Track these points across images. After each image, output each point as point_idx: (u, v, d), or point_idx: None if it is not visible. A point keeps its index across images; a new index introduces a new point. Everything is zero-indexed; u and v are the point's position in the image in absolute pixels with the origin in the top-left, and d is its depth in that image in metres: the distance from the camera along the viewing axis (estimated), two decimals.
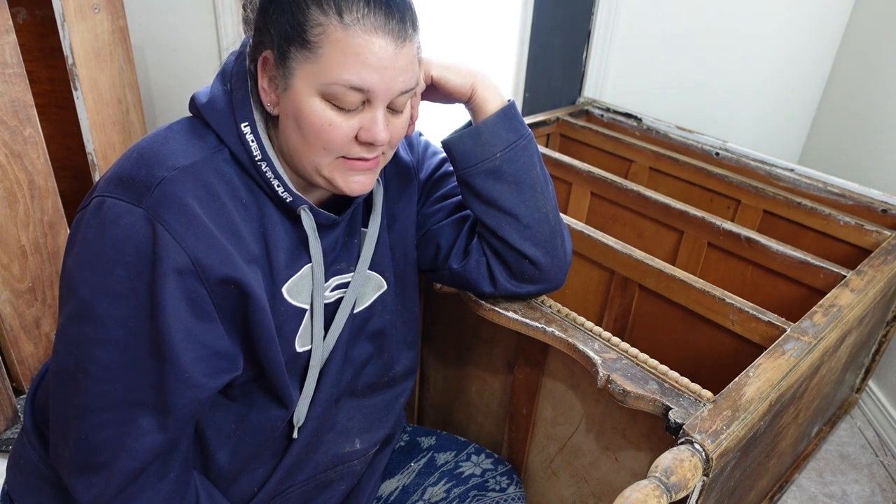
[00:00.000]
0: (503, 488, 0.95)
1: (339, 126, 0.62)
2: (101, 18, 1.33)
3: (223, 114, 0.65)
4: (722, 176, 1.46)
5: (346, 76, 0.59)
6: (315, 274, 0.71)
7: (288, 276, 0.69)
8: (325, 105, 0.61)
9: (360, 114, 0.62)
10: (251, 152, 0.65)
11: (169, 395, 0.61)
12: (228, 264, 0.62)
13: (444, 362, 1.15)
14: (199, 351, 0.62)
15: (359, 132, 0.63)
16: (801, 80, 1.90)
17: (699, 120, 1.91)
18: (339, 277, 0.75)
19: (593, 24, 1.83)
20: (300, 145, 0.63)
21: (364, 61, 0.59)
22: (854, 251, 1.28)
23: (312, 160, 0.64)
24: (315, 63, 0.59)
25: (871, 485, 1.48)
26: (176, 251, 0.59)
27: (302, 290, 0.70)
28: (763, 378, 0.77)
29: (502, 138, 0.76)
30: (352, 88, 0.60)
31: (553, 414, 0.96)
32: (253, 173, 0.65)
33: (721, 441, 0.67)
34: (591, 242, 1.14)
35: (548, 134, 1.79)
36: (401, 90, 0.63)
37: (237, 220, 0.64)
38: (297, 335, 0.71)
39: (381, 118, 0.63)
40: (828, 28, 1.82)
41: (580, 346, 0.81)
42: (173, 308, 0.59)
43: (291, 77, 0.61)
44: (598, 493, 0.93)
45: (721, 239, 1.23)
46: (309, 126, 0.61)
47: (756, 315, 0.94)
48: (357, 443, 0.83)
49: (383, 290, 0.81)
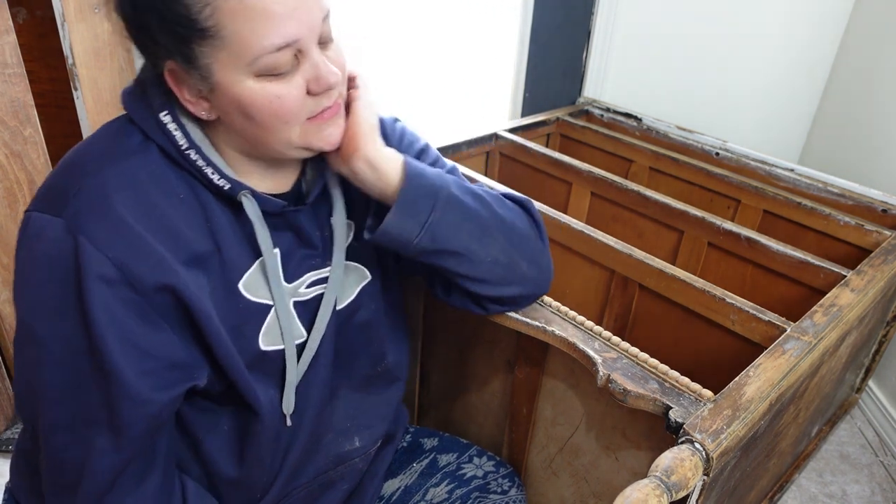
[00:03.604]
0: (505, 490, 0.95)
1: (288, 93, 0.57)
2: (101, 18, 1.33)
3: (143, 107, 0.61)
4: (722, 176, 1.46)
5: (266, 41, 0.54)
6: (268, 265, 0.66)
7: (243, 271, 0.65)
8: (261, 82, 0.56)
9: (299, 68, 0.57)
10: (176, 142, 0.60)
11: (119, 414, 0.58)
12: (161, 270, 0.58)
13: (445, 362, 1.15)
14: (147, 364, 0.58)
15: (309, 86, 0.58)
16: (802, 80, 1.90)
17: (699, 120, 1.91)
18: (315, 273, 0.71)
19: (593, 24, 1.83)
20: (259, 132, 0.59)
21: (272, 15, 0.53)
22: (854, 251, 1.28)
23: (280, 139, 0.60)
24: (226, 47, 0.54)
25: (871, 485, 1.48)
26: (99, 261, 0.55)
27: (261, 285, 0.67)
28: (763, 377, 0.77)
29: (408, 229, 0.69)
30: (278, 50, 0.54)
31: (553, 413, 0.96)
32: (185, 164, 0.61)
33: (721, 440, 0.67)
34: (591, 242, 1.14)
35: (548, 134, 1.79)
36: (322, 18, 0.57)
37: (174, 219, 0.60)
38: (262, 333, 0.67)
39: (321, 58, 0.58)
40: (828, 28, 1.82)
41: (580, 345, 0.81)
42: (108, 321, 0.56)
43: (211, 74, 0.56)
44: (598, 493, 0.93)
45: (721, 239, 1.23)
46: (258, 110, 0.57)
47: (756, 315, 0.94)
48: (357, 441, 0.83)
49: (367, 280, 0.78)
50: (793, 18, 1.80)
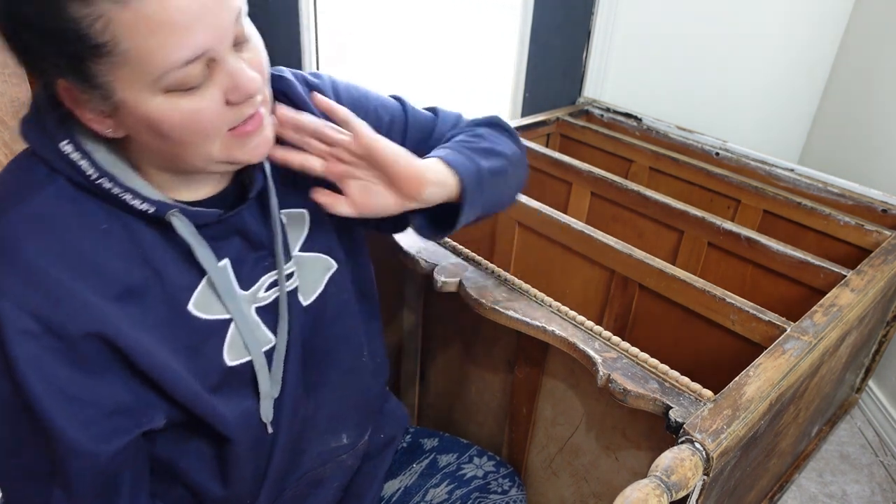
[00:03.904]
0: (505, 490, 0.95)
1: (204, 108, 0.51)
2: None
3: (42, 136, 0.54)
4: (722, 176, 1.46)
5: (172, 56, 0.47)
6: (216, 281, 0.61)
7: (191, 291, 0.60)
8: (172, 98, 0.50)
9: (214, 78, 0.51)
10: (83, 172, 0.53)
11: (65, 469, 0.55)
12: (86, 315, 0.53)
13: (445, 362, 1.15)
14: (86, 414, 0.55)
15: (227, 97, 0.52)
16: (802, 79, 1.90)
17: (699, 120, 1.91)
18: (271, 274, 0.67)
19: (593, 24, 1.83)
20: (175, 149, 0.53)
21: (176, 26, 0.46)
22: (854, 251, 1.28)
23: (199, 155, 0.54)
24: (126, 64, 0.47)
25: (870, 485, 1.48)
26: (18, 316, 0.51)
27: (215, 300, 0.62)
28: (763, 377, 0.77)
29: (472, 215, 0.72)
30: (187, 64, 0.48)
31: (553, 413, 0.96)
32: (99, 193, 0.55)
33: (721, 440, 0.67)
34: (591, 242, 1.14)
35: (548, 134, 1.79)
36: (233, 20, 0.51)
37: (97, 253, 0.54)
38: (225, 349, 0.64)
39: (237, 65, 0.52)
40: (828, 28, 1.82)
41: (580, 345, 0.81)
42: (38, 377, 0.52)
43: (112, 93, 0.49)
44: (598, 493, 0.93)
45: (721, 239, 1.23)
46: (171, 128, 0.51)
47: (756, 315, 0.94)
48: (344, 437, 0.81)
49: (333, 269, 0.73)
50: (793, 18, 1.80)
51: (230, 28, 0.51)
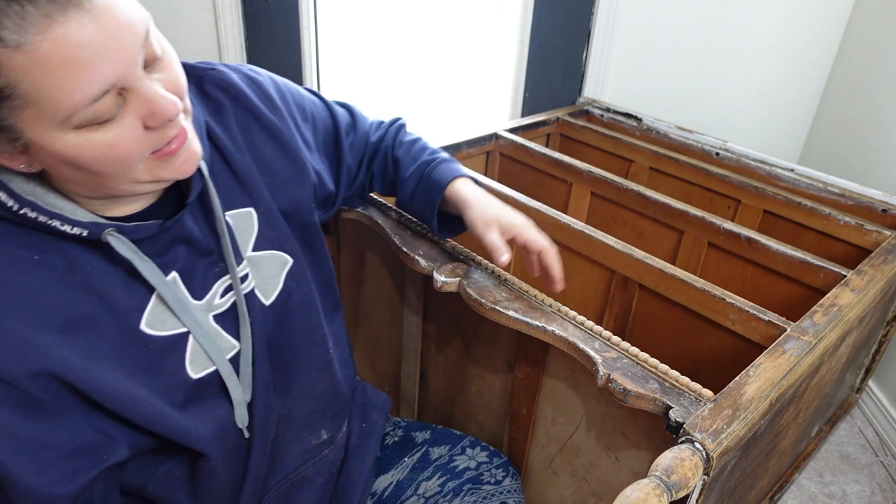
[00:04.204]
0: (498, 481, 0.93)
1: (122, 137, 0.49)
2: None
3: None
4: (722, 176, 1.46)
5: (77, 95, 0.45)
6: (166, 297, 0.59)
7: (141, 310, 0.58)
8: (86, 133, 0.47)
9: (129, 105, 0.49)
10: (4, 204, 0.50)
11: None
12: (29, 355, 0.51)
13: (444, 362, 1.15)
14: (43, 458, 0.53)
15: (144, 122, 0.50)
16: (802, 80, 1.90)
17: (699, 120, 1.91)
18: (225, 278, 0.66)
19: (593, 24, 1.83)
20: (97, 178, 0.51)
21: (78, 63, 0.44)
22: (854, 251, 1.28)
23: (124, 180, 0.52)
24: (29, 106, 0.45)
25: (871, 485, 1.48)
26: None
27: (167, 317, 0.60)
28: (763, 377, 0.77)
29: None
30: (96, 100, 0.46)
31: (553, 413, 0.96)
32: (27, 224, 0.52)
33: (722, 440, 0.67)
34: (591, 242, 1.14)
35: (548, 134, 1.79)
36: (140, 45, 0.48)
37: (33, 287, 0.52)
38: (188, 363, 0.62)
39: (151, 90, 0.49)
40: (828, 28, 1.82)
41: (581, 344, 0.81)
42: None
43: (19, 135, 0.47)
44: (598, 493, 0.93)
45: (721, 239, 1.23)
46: (91, 163, 0.49)
47: (756, 314, 0.94)
48: (323, 433, 0.80)
49: (290, 264, 0.72)
50: (793, 18, 1.80)
51: (138, 53, 0.48)
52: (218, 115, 0.67)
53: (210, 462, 0.65)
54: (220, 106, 0.67)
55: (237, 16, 1.73)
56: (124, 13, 0.47)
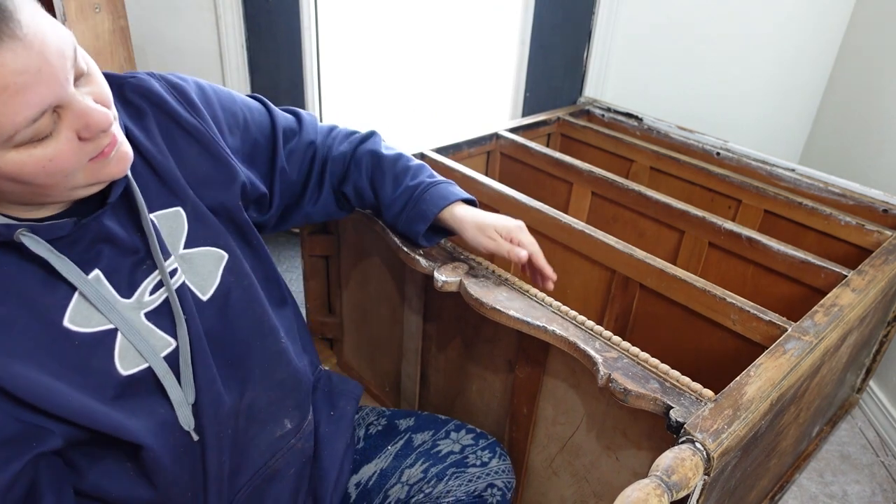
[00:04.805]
0: (484, 462, 0.92)
1: (60, 150, 0.52)
2: (102, 18, 1.33)
3: None
4: (723, 176, 1.46)
5: (16, 118, 0.48)
6: (89, 295, 0.61)
7: (63, 307, 0.60)
8: (25, 150, 0.51)
9: (64, 120, 0.52)
10: None
11: None
12: None
13: (445, 361, 1.15)
14: None
15: (80, 135, 0.53)
16: (803, 79, 1.90)
17: (700, 120, 1.91)
18: (155, 275, 0.67)
19: (594, 23, 1.83)
20: (37, 190, 0.54)
21: (13, 89, 0.47)
22: (855, 251, 1.28)
23: (64, 188, 0.55)
24: None
25: (871, 485, 1.48)
26: None
27: (91, 314, 0.61)
28: (764, 377, 0.77)
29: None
30: (35, 120, 0.49)
31: (554, 413, 0.96)
32: None
33: (722, 440, 0.67)
34: (591, 242, 1.14)
35: (548, 134, 1.79)
36: (70, 65, 0.52)
37: None
38: (116, 359, 0.63)
39: (84, 105, 0.53)
40: (829, 28, 1.82)
41: (581, 344, 0.81)
42: None
43: None
44: (599, 493, 0.93)
45: (722, 239, 1.23)
46: (31, 177, 0.52)
47: (757, 314, 0.94)
48: (287, 423, 0.80)
49: (225, 259, 0.73)
50: (794, 18, 1.80)
51: (69, 72, 0.51)
52: (139, 120, 0.69)
53: (152, 454, 0.65)
54: (141, 112, 0.70)
55: (238, 16, 1.73)
56: (53, 37, 0.50)
